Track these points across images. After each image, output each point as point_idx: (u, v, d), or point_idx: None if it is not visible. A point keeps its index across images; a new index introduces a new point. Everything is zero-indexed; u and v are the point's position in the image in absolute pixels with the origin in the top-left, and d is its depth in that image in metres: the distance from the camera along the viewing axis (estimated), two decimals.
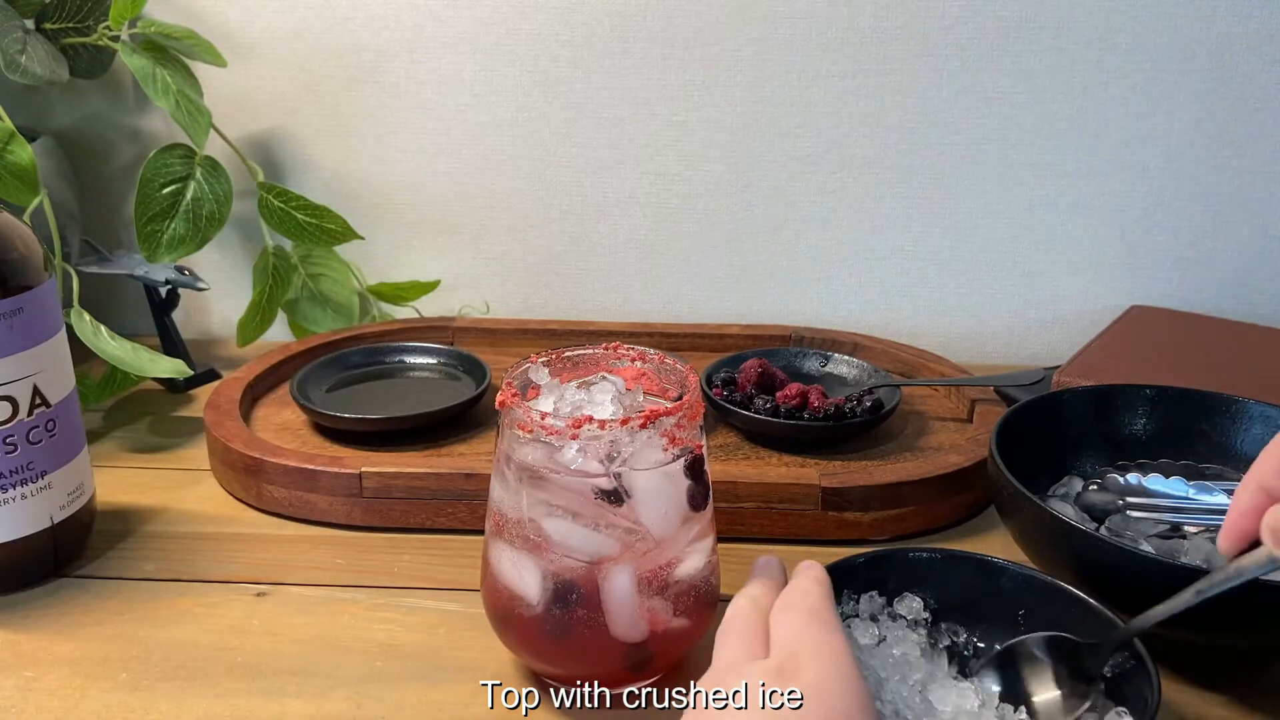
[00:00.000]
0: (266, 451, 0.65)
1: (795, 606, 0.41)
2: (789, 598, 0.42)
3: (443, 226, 0.93)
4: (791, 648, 0.38)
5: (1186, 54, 0.84)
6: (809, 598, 0.41)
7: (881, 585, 0.50)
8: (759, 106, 0.88)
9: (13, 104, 0.74)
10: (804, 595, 0.41)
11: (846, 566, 0.49)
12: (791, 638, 0.39)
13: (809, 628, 0.39)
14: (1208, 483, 0.58)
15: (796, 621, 0.39)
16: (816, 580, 0.43)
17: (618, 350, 0.51)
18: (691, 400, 0.46)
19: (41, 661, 0.51)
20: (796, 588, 0.42)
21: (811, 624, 0.39)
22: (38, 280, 0.54)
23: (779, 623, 0.40)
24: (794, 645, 0.38)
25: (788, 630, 0.39)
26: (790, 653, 0.37)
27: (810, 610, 0.40)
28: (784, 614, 0.40)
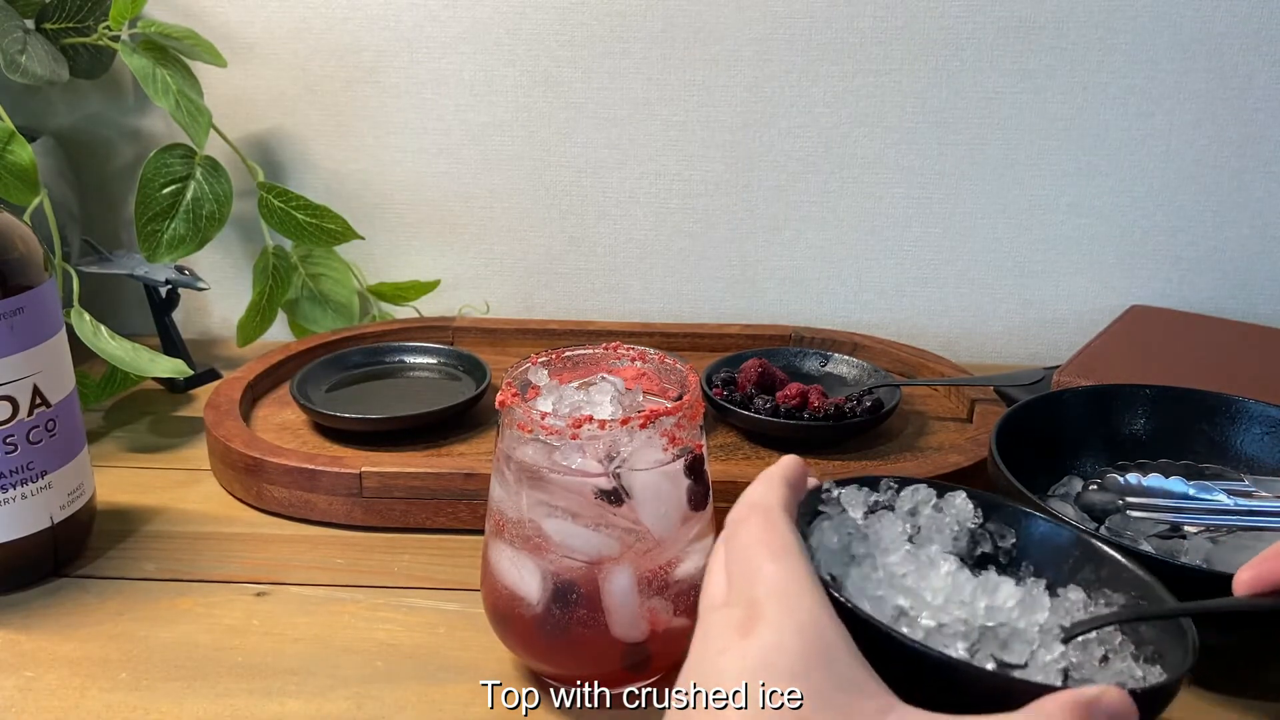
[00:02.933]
0: (266, 451, 0.65)
1: (742, 526, 0.36)
2: (737, 512, 0.37)
3: (443, 226, 0.93)
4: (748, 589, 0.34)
5: (1186, 54, 0.84)
6: (756, 513, 0.36)
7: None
8: (759, 106, 0.88)
9: (13, 104, 0.74)
10: (750, 510, 0.37)
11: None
12: (746, 571, 0.35)
13: (761, 557, 0.35)
14: (1208, 483, 0.58)
15: (747, 550, 0.35)
16: (769, 482, 0.39)
17: (618, 350, 0.51)
18: (691, 400, 0.46)
19: (41, 661, 0.51)
20: (748, 498, 0.38)
21: (762, 551, 0.35)
22: (38, 280, 0.54)
23: (731, 549, 0.36)
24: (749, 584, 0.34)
25: (739, 561, 0.35)
26: (749, 598, 0.34)
27: (760, 534, 0.36)
28: (732, 539, 0.36)
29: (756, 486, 0.38)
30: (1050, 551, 0.44)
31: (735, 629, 0.33)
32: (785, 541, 0.35)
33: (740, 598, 0.34)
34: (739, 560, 0.35)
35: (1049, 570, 0.43)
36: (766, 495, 0.38)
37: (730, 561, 0.36)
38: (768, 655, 0.31)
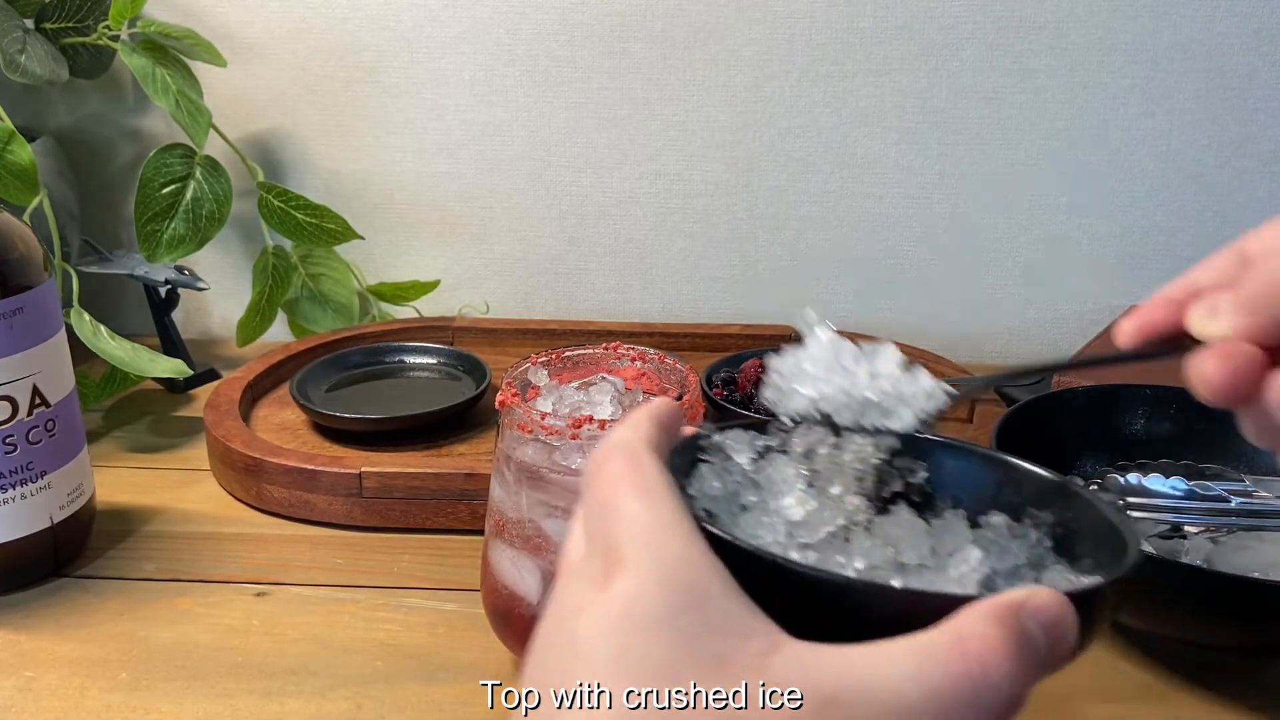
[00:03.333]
0: (266, 451, 0.65)
1: (603, 468, 0.31)
2: (596, 454, 0.32)
3: (443, 226, 0.93)
4: (607, 536, 0.29)
5: (1186, 54, 0.84)
6: (618, 453, 0.32)
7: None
8: (759, 106, 0.88)
9: (12, 104, 0.74)
10: (612, 451, 0.32)
11: None
12: (605, 516, 0.30)
13: (622, 498, 0.30)
14: (1208, 482, 0.58)
15: (607, 493, 0.31)
16: (634, 422, 0.34)
17: (618, 350, 0.51)
18: (691, 400, 0.46)
19: (41, 661, 0.51)
20: (609, 439, 0.33)
21: (623, 490, 0.30)
22: (37, 280, 0.54)
23: (588, 499, 0.32)
24: (608, 530, 0.30)
25: (597, 506, 0.31)
26: (606, 546, 0.29)
27: (622, 472, 0.31)
28: (591, 483, 0.32)
29: (619, 426, 0.34)
30: (966, 480, 0.40)
31: (591, 583, 0.29)
32: (650, 478, 0.30)
33: (598, 547, 0.30)
34: (597, 506, 0.31)
35: (968, 501, 0.39)
36: (630, 433, 0.33)
37: (588, 509, 0.31)
38: (628, 606, 0.27)
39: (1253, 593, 0.45)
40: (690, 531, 0.29)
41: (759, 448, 0.39)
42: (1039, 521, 0.37)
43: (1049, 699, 0.49)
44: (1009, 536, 0.37)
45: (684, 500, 0.30)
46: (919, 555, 0.35)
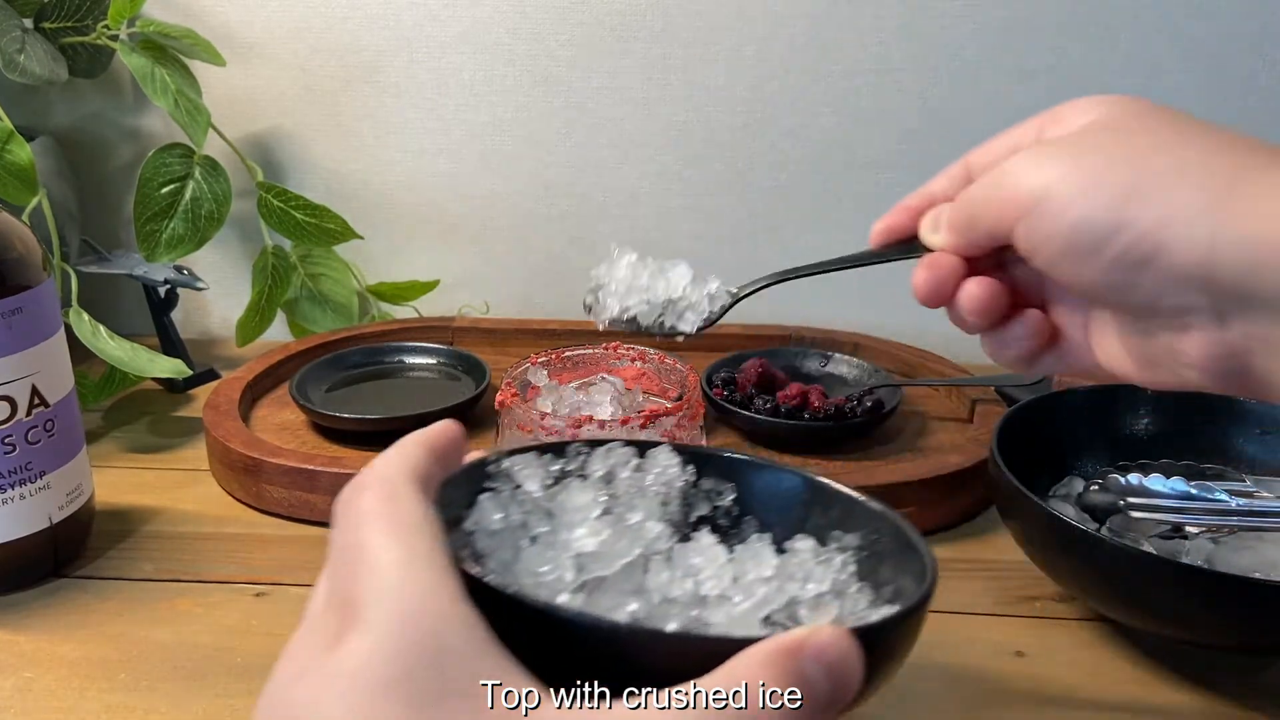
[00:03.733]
0: (266, 452, 0.65)
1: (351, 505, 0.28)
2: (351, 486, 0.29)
3: (443, 226, 0.93)
4: (349, 584, 0.26)
5: (1186, 54, 0.84)
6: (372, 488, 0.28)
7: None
8: (759, 106, 0.88)
9: (11, 103, 0.74)
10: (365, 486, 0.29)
11: None
12: (349, 560, 0.27)
13: (370, 539, 0.27)
14: (1209, 483, 0.58)
15: (355, 533, 0.27)
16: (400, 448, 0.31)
17: (618, 350, 0.51)
18: (691, 400, 0.46)
19: (40, 662, 0.51)
20: (369, 468, 0.30)
21: (372, 531, 0.27)
22: (36, 280, 0.54)
23: (335, 539, 0.28)
24: (352, 576, 0.26)
25: (342, 549, 0.28)
26: (345, 596, 0.26)
27: (374, 509, 0.28)
28: (339, 522, 0.28)
29: (384, 453, 0.31)
30: (775, 502, 0.39)
31: (322, 642, 0.26)
32: (405, 517, 0.27)
33: (336, 599, 0.27)
34: (341, 549, 0.28)
35: (776, 525, 0.38)
36: (391, 463, 0.30)
37: (333, 553, 0.28)
38: (357, 670, 0.24)
39: (1254, 593, 0.45)
40: (440, 577, 0.26)
41: (554, 472, 0.37)
42: (844, 545, 0.37)
43: (1049, 699, 0.49)
44: (814, 562, 0.36)
45: (442, 540, 0.27)
46: (720, 586, 0.34)
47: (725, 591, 0.34)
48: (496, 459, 0.35)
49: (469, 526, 0.33)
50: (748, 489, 0.39)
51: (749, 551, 0.36)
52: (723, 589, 0.34)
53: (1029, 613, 0.56)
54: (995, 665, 0.51)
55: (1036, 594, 0.57)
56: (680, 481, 0.38)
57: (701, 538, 0.36)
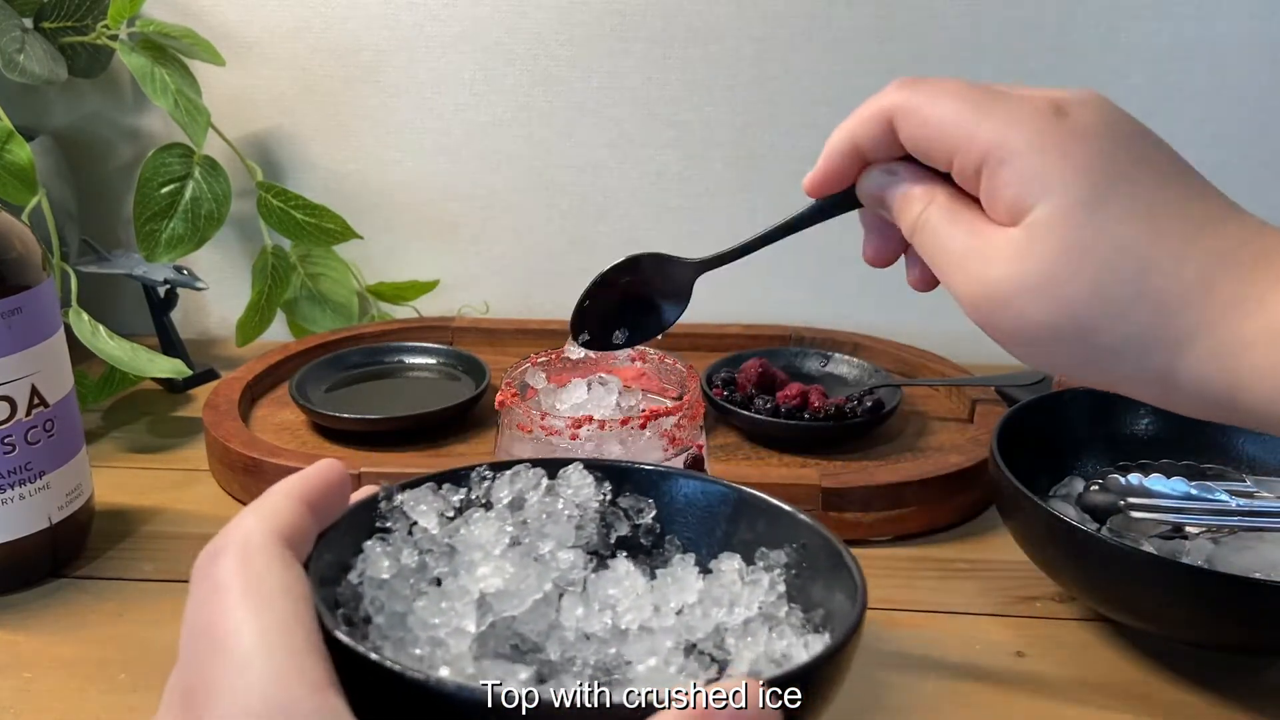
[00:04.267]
0: (265, 452, 0.65)
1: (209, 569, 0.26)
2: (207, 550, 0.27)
3: (443, 226, 0.93)
4: (197, 661, 0.25)
5: (1186, 54, 0.84)
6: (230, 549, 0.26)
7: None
8: (759, 106, 0.88)
9: (11, 103, 0.74)
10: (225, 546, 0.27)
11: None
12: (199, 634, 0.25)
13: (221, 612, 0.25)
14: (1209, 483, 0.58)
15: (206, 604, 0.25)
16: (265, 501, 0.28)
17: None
18: (691, 400, 0.46)
19: (40, 662, 0.51)
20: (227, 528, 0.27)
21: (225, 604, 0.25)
22: (36, 280, 0.54)
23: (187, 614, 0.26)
24: (200, 654, 0.25)
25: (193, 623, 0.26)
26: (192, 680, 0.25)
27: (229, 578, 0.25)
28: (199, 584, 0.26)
29: (242, 513, 0.28)
30: (698, 518, 0.37)
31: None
32: (263, 586, 0.25)
33: (186, 685, 0.25)
34: (195, 624, 0.26)
35: (701, 542, 0.36)
36: (252, 522, 0.27)
37: (184, 630, 0.26)
38: None
39: (1254, 593, 0.45)
40: (299, 661, 0.24)
41: (455, 503, 0.34)
42: (772, 563, 0.35)
43: (1049, 699, 0.49)
44: (741, 584, 0.34)
45: (307, 612, 0.25)
46: (641, 617, 0.32)
47: (646, 623, 0.32)
48: (387, 495, 0.33)
49: (354, 579, 0.31)
50: (669, 504, 0.37)
51: (671, 575, 0.34)
52: (643, 620, 0.32)
53: (1029, 613, 0.56)
54: (995, 665, 0.51)
55: (1036, 594, 0.57)
56: (595, 501, 0.35)
57: (618, 565, 0.33)
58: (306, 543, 0.28)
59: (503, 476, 0.35)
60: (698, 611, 0.33)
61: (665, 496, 0.37)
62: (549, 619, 0.32)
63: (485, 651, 0.30)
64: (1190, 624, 0.49)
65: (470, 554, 0.32)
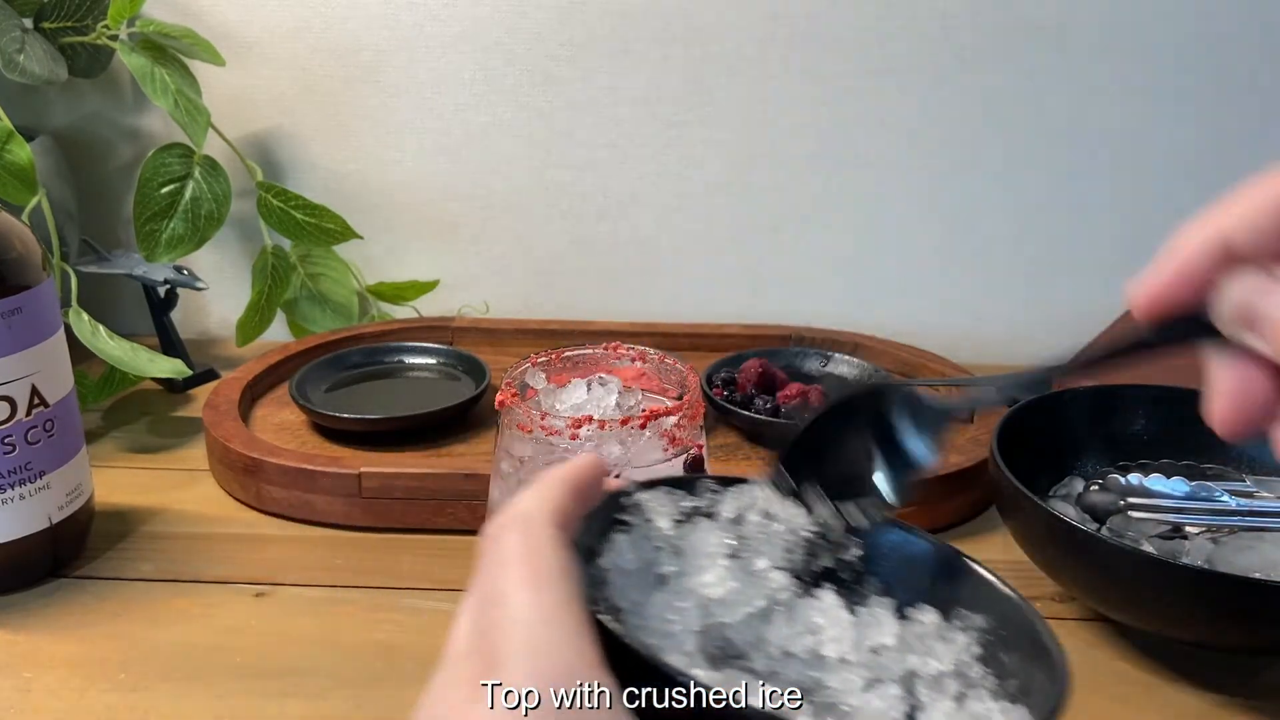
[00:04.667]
0: (265, 452, 0.65)
1: (494, 546, 0.29)
2: (494, 525, 0.30)
3: (443, 226, 0.93)
4: (489, 630, 0.27)
5: (1186, 54, 0.84)
6: (513, 529, 0.29)
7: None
8: (759, 106, 0.88)
9: (11, 103, 0.74)
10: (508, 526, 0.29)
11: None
12: (491, 606, 0.28)
13: (511, 587, 0.27)
14: (1209, 483, 0.58)
15: (496, 578, 0.28)
16: (542, 487, 0.31)
17: (618, 350, 0.51)
18: (691, 400, 0.46)
19: (40, 662, 0.51)
20: (512, 507, 0.30)
21: (513, 578, 0.28)
22: (36, 280, 0.54)
23: (477, 580, 0.29)
24: (491, 623, 0.27)
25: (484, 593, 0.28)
26: (487, 643, 0.27)
27: (515, 554, 0.28)
28: (481, 563, 0.29)
29: (525, 492, 0.31)
30: (902, 565, 0.37)
31: (466, 689, 0.27)
32: (545, 564, 0.28)
33: (478, 643, 0.27)
34: (485, 592, 0.28)
35: (900, 588, 0.37)
36: (533, 503, 0.30)
37: (476, 594, 0.29)
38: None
39: (1254, 593, 0.45)
40: (575, 633, 0.26)
41: (685, 509, 0.36)
42: (969, 625, 0.35)
43: None
44: (936, 637, 0.35)
45: (580, 594, 0.28)
46: (840, 649, 0.33)
47: (844, 655, 0.33)
48: (631, 492, 0.35)
49: (604, 564, 0.33)
50: (875, 547, 0.37)
51: (871, 614, 0.35)
52: (842, 652, 0.33)
53: None
54: None
55: (1036, 594, 0.57)
56: (807, 530, 0.37)
57: (825, 596, 0.35)
58: (572, 527, 0.31)
59: (729, 492, 0.37)
60: (892, 654, 0.34)
61: (872, 539, 0.38)
62: (757, 631, 0.33)
63: (698, 651, 0.32)
64: (1190, 624, 0.49)
65: (696, 560, 0.34)
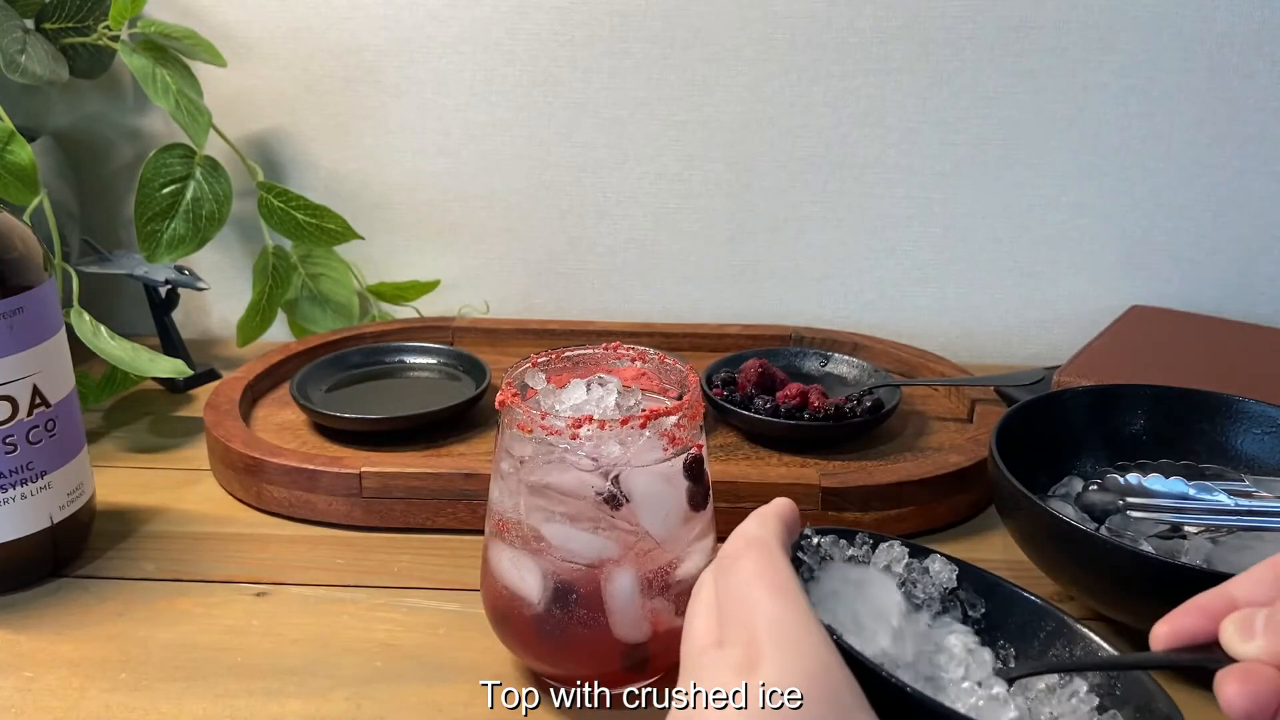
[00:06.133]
0: (266, 451, 0.65)
1: (740, 561, 0.34)
2: (732, 546, 0.35)
3: (443, 226, 0.93)
4: (746, 628, 0.32)
5: (1186, 54, 0.84)
6: (754, 548, 0.35)
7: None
8: (759, 106, 0.88)
9: (12, 104, 0.74)
10: (748, 546, 0.35)
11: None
12: (743, 608, 0.32)
13: (760, 593, 0.32)
14: (1208, 483, 0.58)
15: (744, 586, 0.33)
16: (764, 519, 0.37)
17: (618, 350, 0.51)
18: (691, 400, 0.46)
19: (41, 661, 0.51)
20: (744, 533, 0.36)
21: (760, 586, 0.33)
22: (37, 280, 0.54)
23: (725, 585, 0.34)
24: (748, 623, 0.32)
25: (734, 598, 0.33)
26: (747, 637, 0.32)
27: (758, 568, 0.33)
28: (727, 574, 0.34)
29: (751, 522, 0.37)
30: (1020, 624, 0.44)
31: (733, 669, 0.31)
32: (785, 579, 0.33)
33: (737, 636, 0.32)
34: (734, 597, 0.33)
35: (1018, 643, 0.44)
36: (763, 530, 0.36)
37: (724, 598, 0.34)
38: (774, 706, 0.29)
39: None
40: (824, 638, 0.31)
41: (847, 557, 0.43)
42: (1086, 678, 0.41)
43: None
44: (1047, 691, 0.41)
45: (810, 603, 0.32)
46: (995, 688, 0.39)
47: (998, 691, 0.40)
48: (809, 535, 0.42)
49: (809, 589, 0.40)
50: (996, 605, 0.44)
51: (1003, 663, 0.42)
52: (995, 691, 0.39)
53: None
54: None
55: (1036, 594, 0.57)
56: (945, 586, 0.44)
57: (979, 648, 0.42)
58: (789, 552, 0.36)
59: (881, 547, 0.44)
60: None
61: (996, 598, 0.44)
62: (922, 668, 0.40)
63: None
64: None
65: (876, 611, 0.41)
